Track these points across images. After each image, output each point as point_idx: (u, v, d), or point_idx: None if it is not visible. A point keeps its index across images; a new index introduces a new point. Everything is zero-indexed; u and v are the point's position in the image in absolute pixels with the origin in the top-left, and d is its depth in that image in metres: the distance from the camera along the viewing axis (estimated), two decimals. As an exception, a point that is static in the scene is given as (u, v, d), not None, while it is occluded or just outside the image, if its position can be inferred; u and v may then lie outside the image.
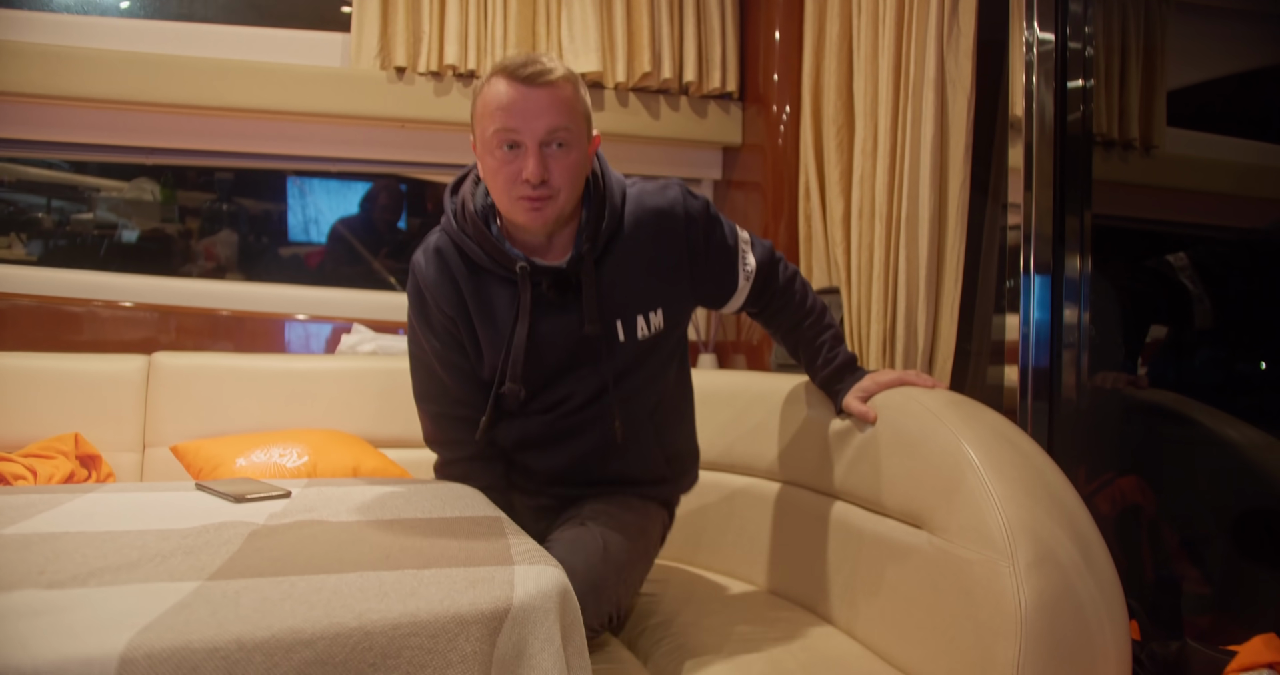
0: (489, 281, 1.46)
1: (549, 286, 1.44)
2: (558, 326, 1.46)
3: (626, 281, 1.46)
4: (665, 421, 1.61)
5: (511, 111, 1.33)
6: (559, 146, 1.35)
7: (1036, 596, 1.20)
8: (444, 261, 1.48)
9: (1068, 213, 1.85)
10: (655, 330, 1.49)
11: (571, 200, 1.41)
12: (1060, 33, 1.84)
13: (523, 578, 0.94)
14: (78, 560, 0.95)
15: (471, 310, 1.47)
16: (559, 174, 1.36)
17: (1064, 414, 1.82)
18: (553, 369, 1.49)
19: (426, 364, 1.55)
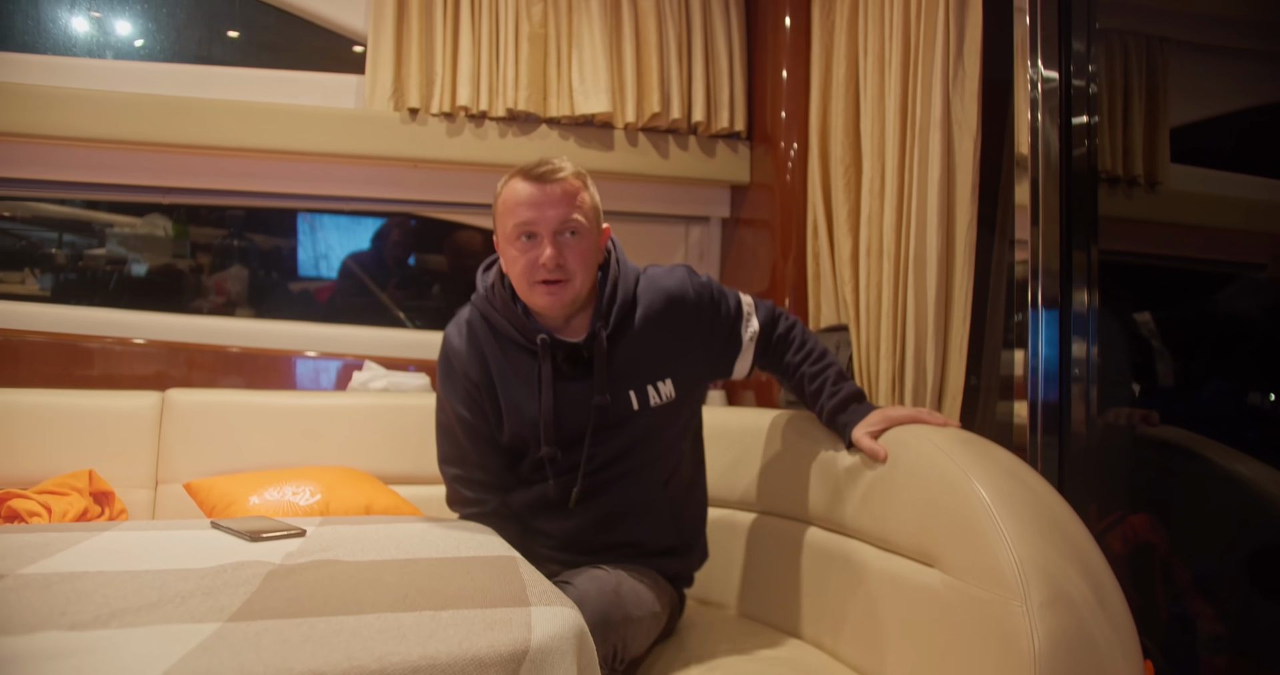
0: (513, 352, 1.59)
1: (564, 359, 1.57)
2: (575, 395, 1.57)
3: (637, 354, 1.58)
4: (678, 493, 1.69)
5: (528, 206, 1.51)
6: (571, 234, 1.52)
7: (1050, 636, 1.20)
8: (473, 332, 1.62)
9: (1075, 247, 1.86)
10: (667, 398, 1.60)
11: (586, 284, 1.56)
12: (1064, 71, 1.87)
13: (540, 619, 0.95)
14: (98, 601, 0.96)
15: (495, 378, 1.59)
16: (573, 260, 1.52)
17: (1074, 449, 1.82)
18: (573, 435, 1.58)
19: (449, 429, 1.66)
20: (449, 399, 1.65)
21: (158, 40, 2.53)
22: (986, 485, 1.36)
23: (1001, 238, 2.10)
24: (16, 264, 2.65)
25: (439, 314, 2.92)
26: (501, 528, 1.60)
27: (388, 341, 2.58)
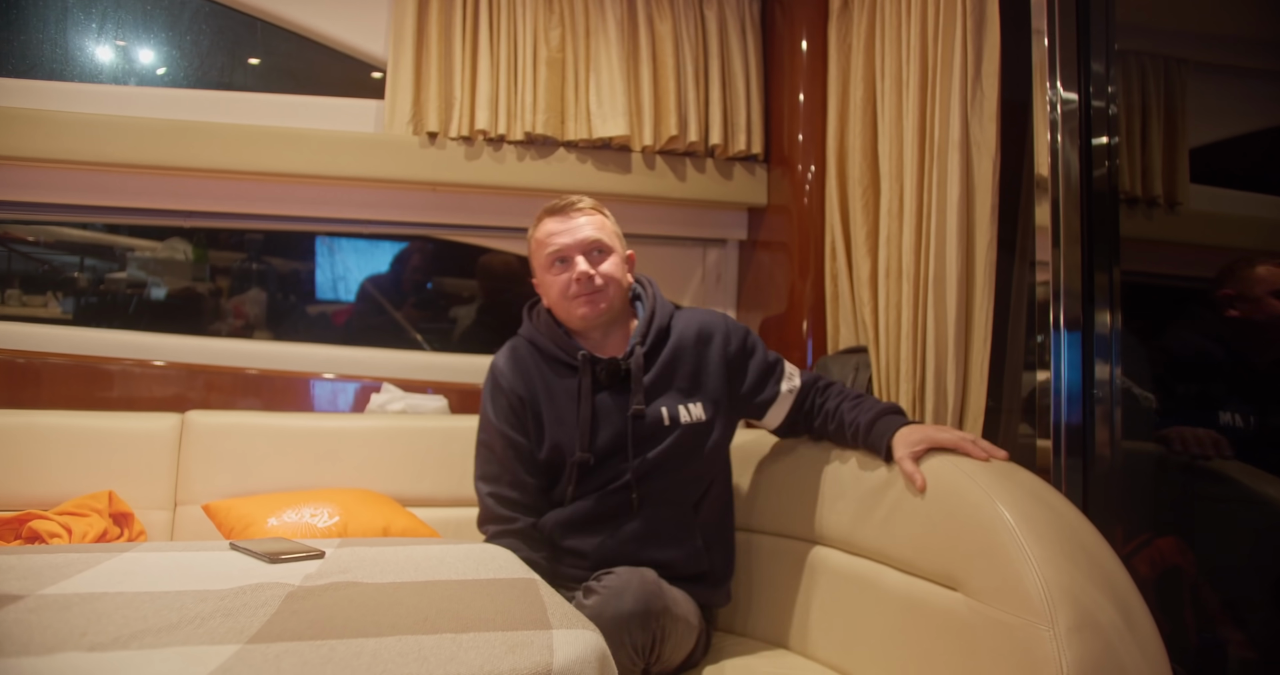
0: (556, 369, 1.74)
1: (602, 370, 1.69)
2: (612, 406, 1.70)
3: (670, 374, 1.72)
4: (709, 519, 1.75)
5: (556, 235, 1.72)
6: (598, 253, 1.72)
7: (1078, 662, 1.17)
8: (519, 356, 1.78)
9: (1096, 269, 1.85)
10: (697, 419, 1.71)
11: (618, 296, 1.74)
12: (1083, 92, 1.87)
13: (561, 642, 0.94)
14: (118, 622, 0.95)
15: (540, 393, 1.73)
16: (603, 275, 1.71)
17: (1098, 471, 1.80)
18: (608, 446, 1.69)
19: (490, 446, 1.76)
20: (493, 416, 1.75)
21: (180, 67, 2.57)
22: (1010, 507, 1.35)
23: (1021, 259, 2.09)
24: (39, 288, 2.68)
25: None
26: (530, 547, 1.67)
27: (406, 364, 2.59)
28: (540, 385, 1.73)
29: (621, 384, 1.71)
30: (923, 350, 1.97)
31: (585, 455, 1.67)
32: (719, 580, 1.77)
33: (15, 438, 2.07)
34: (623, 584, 1.43)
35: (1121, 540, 1.76)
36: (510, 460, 1.72)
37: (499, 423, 1.73)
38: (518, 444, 1.72)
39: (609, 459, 1.69)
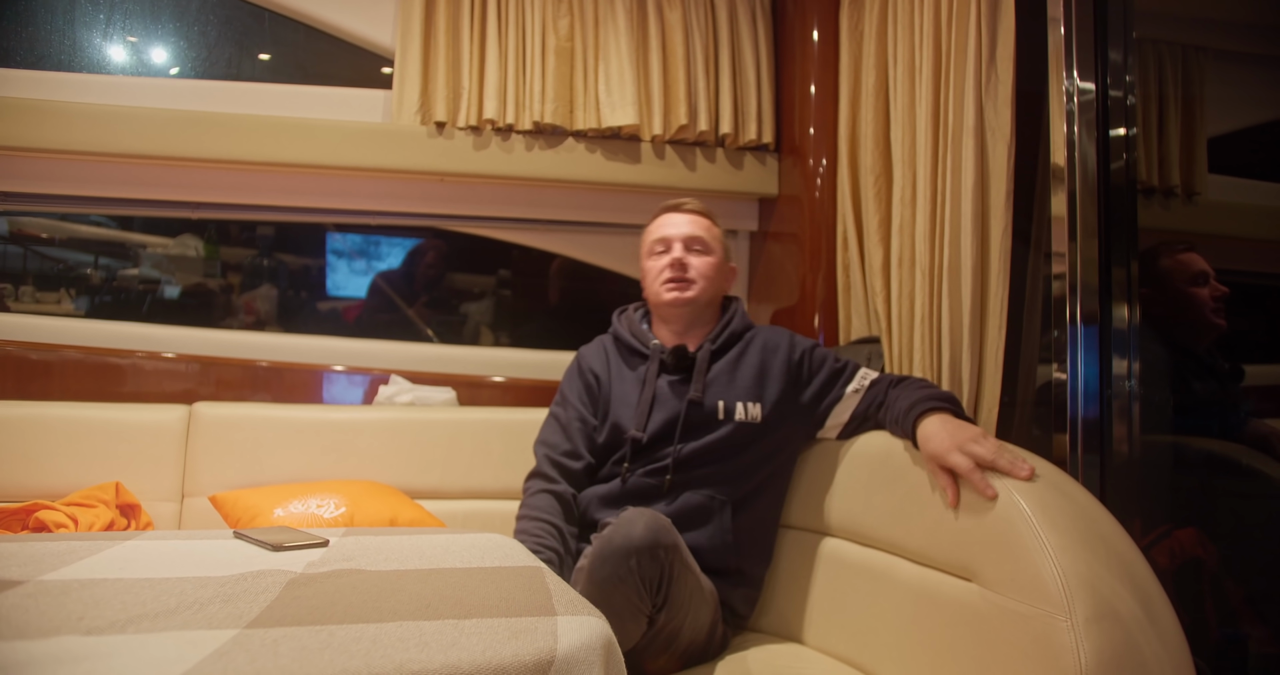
0: (630, 357, 1.89)
1: (669, 356, 1.82)
2: (671, 394, 1.80)
3: (734, 374, 1.81)
4: (746, 524, 1.76)
5: (664, 226, 1.90)
6: (697, 248, 1.86)
7: (1097, 654, 1.15)
8: (604, 345, 1.95)
9: (1114, 263, 1.81)
10: (751, 419, 1.76)
11: (706, 293, 1.86)
12: (1101, 82, 1.83)
13: (566, 629, 0.92)
14: (116, 607, 0.94)
15: (613, 372, 1.88)
16: (696, 268, 1.84)
17: (1116, 467, 1.76)
18: (662, 429, 1.77)
19: (558, 418, 1.90)
20: (569, 392, 1.91)
21: (188, 57, 2.56)
22: (1027, 496, 1.32)
23: (1036, 250, 2.05)
24: (53, 285, 2.69)
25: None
26: (563, 512, 1.75)
27: (415, 356, 2.57)
28: (614, 370, 1.88)
29: (686, 374, 1.81)
30: (937, 339, 1.94)
31: (639, 434, 1.76)
32: (745, 582, 1.76)
33: (23, 428, 2.07)
34: (635, 515, 1.45)
35: (1140, 532, 1.73)
36: (574, 432, 1.84)
37: (573, 398, 1.89)
38: (584, 419, 1.86)
39: (659, 441, 1.77)
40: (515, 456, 2.24)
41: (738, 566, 1.74)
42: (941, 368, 1.93)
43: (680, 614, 1.51)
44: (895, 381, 1.72)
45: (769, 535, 1.82)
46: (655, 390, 1.80)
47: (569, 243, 2.71)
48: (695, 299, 1.84)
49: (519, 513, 1.78)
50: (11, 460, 2.04)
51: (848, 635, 1.64)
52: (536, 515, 1.74)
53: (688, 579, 1.51)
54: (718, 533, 1.72)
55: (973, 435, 1.43)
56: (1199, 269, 1.94)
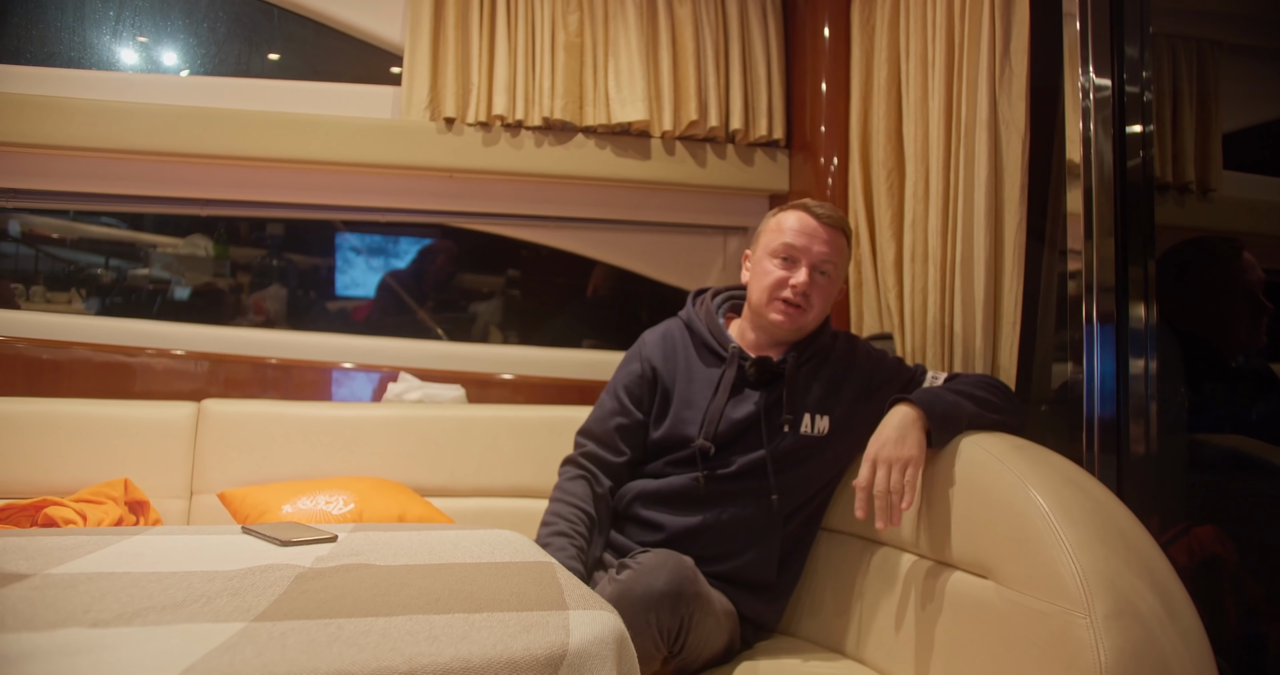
0: (702, 354, 1.76)
1: (751, 367, 1.70)
2: (745, 404, 1.69)
3: (809, 388, 1.71)
4: (793, 535, 1.72)
5: (803, 234, 1.70)
6: (823, 274, 1.70)
7: (1117, 651, 1.13)
8: (670, 334, 1.82)
9: (1130, 263, 1.79)
10: (818, 432, 1.69)
11: (817, 321, 1.73)
12: (1117, 78, 1.81)
13: (578, 623, 0.90)
14: (123, 600, 0.93)
15: (678, 369, 1.76)
16: (816, 294, 1.70)
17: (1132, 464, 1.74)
18: (728, 438, 1.68)
19: (603, 407, 1.80)
20: (619, 379, 1.80)
21: (197, 54, 2.56)
22: (1044, 492, 1.30)
23: (1051, 247, 2.03)
24: (63, 285, 2.69)
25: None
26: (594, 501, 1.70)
27: (424, 353, 2.56)
28: (682, 365, 1.76)
29: (763, 386, 1.71)
30: (950, 335, 1.92)
31: (706, 444, 1.67)
32: (777, 596, 1.72)
33: (32, 425, 2.06)
34: (658, 562, 1.40)
35: (1158, 529, 1.71)
36: (613, 427, 1.76)
37: (620, 387, 1.79)
38: (628, 411, 1.76)
39: (724, 449, 1.68)
40: (525, 454, 2.23)
41: (774, 580, 1.69)
42: (955, 365, 1.91)
43: (695, 652, 1.48)
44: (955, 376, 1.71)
45: (807, 545, 1.77)
46: (728, 401, 1.70)
47: (579, 240, 2.70)
48: (802, 328, 1.72)
49: (553, 495, 1.74)
50: (21, 456, 2.04)
51: (857, 633, 1.62)
52: (570, 499, 1.71)
53: (707, 623, 1.48)
54: (768, 547, 1.67)
55: (900, 456, 1.45)
56: (1255, 279, 1.91)
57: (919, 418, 1.49)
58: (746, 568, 1.66)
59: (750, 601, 1.67)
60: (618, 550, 1.72)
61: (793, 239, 1.70)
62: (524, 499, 2.20)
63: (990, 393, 1.62)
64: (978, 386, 1.62)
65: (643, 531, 1.70)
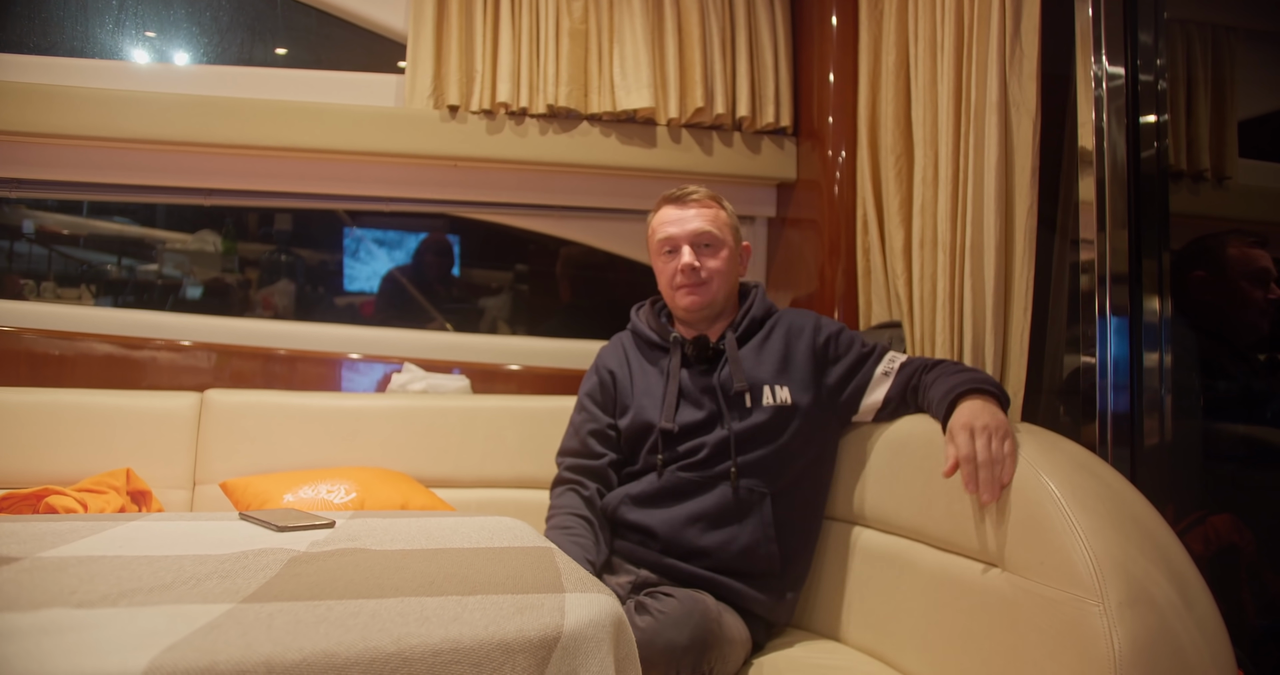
0: (650, 351, 1.83)
1: (690, 347, 1.76)
2: (698, 385, 1.73)
3: (759, 360, 1.73)
4: (787, 516, 1.68)
5: (669, 224, 1.78)
6: (706, 246, 1.76)
7: (1131, 640, 1.10)
8: (618, 342, 1.91)
9: (1144, 255, 1.76)
10: (781, 402, 1.68)
11: (723, 290, 1.78)
12: (1130, 65, 1.77)
13: (574, 605, 0.88)
14: (111, 581, 0.91)
15: (631, 368, 1.83)
16: (709, 267, 1.75)
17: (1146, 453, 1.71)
18: (692, 422, 1.71)
19: (573, 423, 1.87)
20: (582, 393, 1.89)
21: (200, 43, 2.55)
22: (1056, 478, 1.27)
23: (1062, 236, 2.00)
24: (73, 282, 2.70)
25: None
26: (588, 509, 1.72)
27: (429, 344, 2.54)
28: (634, 364, 1.83)
29: (710, 364, 1.74)
30: (960, 321, 1.89)
31: (670, 426, 1.70)
32: (789, 586, 1.69)
33: (35, 415, 2.05)
34: (682, 614, 1.38)
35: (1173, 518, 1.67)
36: (585, 435, 1.80)
37: (585, 400, 1.86)
38: (596, 417, 1.82)
39: (691, 434, 1.70)
40: (530, 444, 2.21)
41: (779, 568, 1.65)
42: (964, 351, 1.87)
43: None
44: (930, 365, 1.64)
45: (812, 532, 1.74)
46: (680, 383, 1.74)
47: (583, 229, 2.67)
48: (713, 301, 1.77)
49: (548, 514, 1.75)
50: (23, 446, 2.03)
51: (868, 624, 1.59)
52: (565, 511, 1.71)
53: (729, 663, 1.46)
54: (758, 528, 1.64)
55: (996, 426, 1.38)
56: (1262, 266, 1.88)
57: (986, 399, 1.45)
58: (746, 555, 1.63)
59: (761, 598, 1.64)
60: (624, 556, 1.71)
61: (663, 232, 1.79)
62: (528, 490, 2.18)
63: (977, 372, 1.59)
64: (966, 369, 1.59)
65: (639, 537, 1.70)
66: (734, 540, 1.64)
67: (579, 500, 1.73)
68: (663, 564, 1.65)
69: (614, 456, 1.79)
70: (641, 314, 1.90)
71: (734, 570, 1.63)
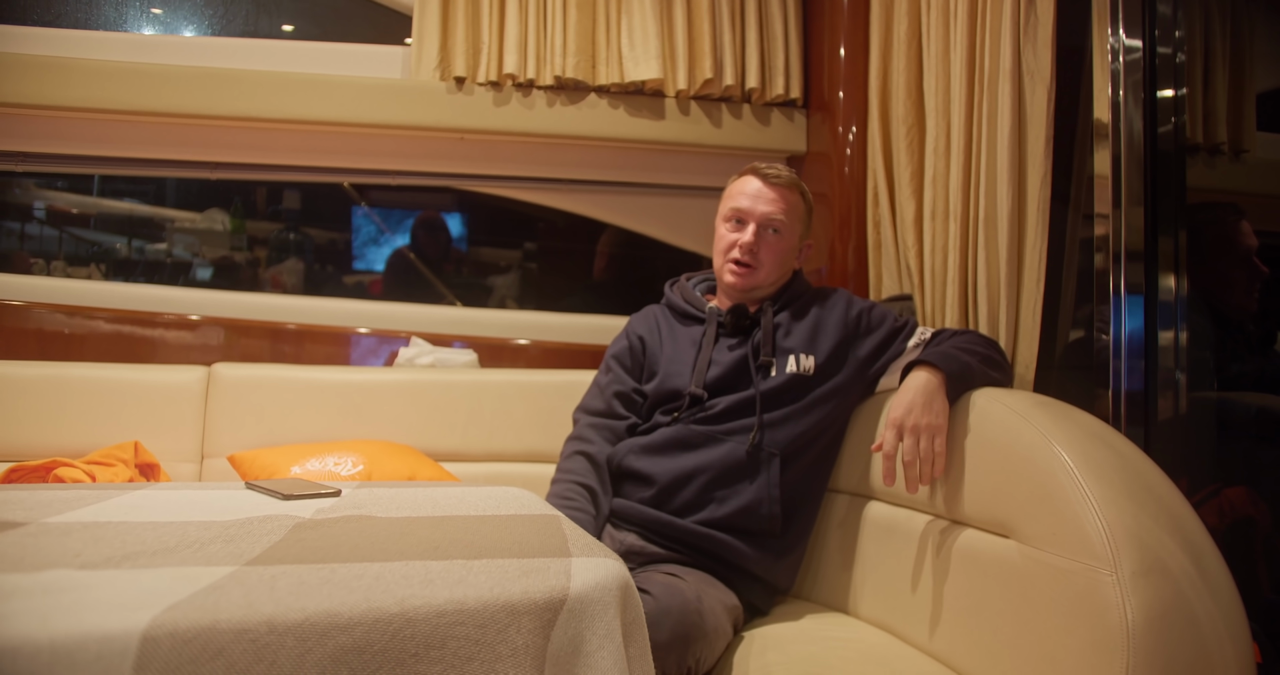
0: (683, 321, 1.85)
1: (728, 316, 1.76)
2: (729, 353, 1.74)
3: (791, 329, 1.75)
4: (792, 479, 1.68)
5: (748, 196, 1.78)
6: (774, 232, 1.76)
7: (1145, 609, 1.08)
8: (652, 311, 1.92)
9: (1160, 233, 1.73)
10: (804, 370, 1.69)
11: (771, 278, 1.79)
12: (1148, 38, 1.73)
13: (580, 569, 0.87)
14: (115, 545, 0.90)
15: (661, 335, 1.84)
16: (766, 252, 1.76)
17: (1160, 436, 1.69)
18: (718, 385, 1.71)
19: (598, 383, 1.87)
20: (609, 355, 1.89)
21: (205, 15, 2.53)
22: (1068, 448, 1.26)
23: (1075, 210, 1.97)
24: (83, 261, 2.70)
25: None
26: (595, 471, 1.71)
27: (437, 318, 2.53)
28: (664, 331, 1.84)
29: (744, 334, 1.76)
30: (972, 293, 1.86)
31: (699, 391, 1.71)
32: (788, 550, 1.68)
33: (44, 388, 2.06)
34: (659, 611, 1.33)
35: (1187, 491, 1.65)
36: (610, 396, 1.80)
37: (610, 359, 1.87)
38: (622, 379, 1.82)
39: (719, 393, 1.71)
40: (538, 419, 2.20)
41: (780, 529, 1.65)
42: (977, 324, 1.86)
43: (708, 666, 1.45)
44: (953, 333, 1.68)
45: (815, 499, 1.74)
46: (713, 353, 1.74)
47: (591, 203, 2.65)
48: (757, 285, 1.79)
49: (554, 477, 1.73)
50: (32, 419, 2.03)
51: (873, 596, 1.59)
52: (570, 478, 1.69)
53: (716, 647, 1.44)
54: (763, 487, 1.63)
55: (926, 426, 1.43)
56: (1245, 245, 1.85)
57: (942, 383, 1.48)
58: (747, 513, 1.62)
59: (759, 557, 1.63)
60: (616, 515, 1.70)
61: (739, 202, 1.78)
62: (536, 464, 2.17)
63: (991, 351, 1.62)
64: (978, 345, 1.62)
65: (636, 487, 1.69)
66: (736, 497, 1.63)
67: (587, 465, 1.72)
68: (654, 520, 1.64)
69: (634, 420, 1.79)
70: (676, 288, 1.91)
71: (731, 527, 1.62)
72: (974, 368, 1.52)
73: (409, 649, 0.74)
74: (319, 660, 0.71)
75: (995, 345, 1.66)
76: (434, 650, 0.75)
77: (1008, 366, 1.66)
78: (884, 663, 1.37)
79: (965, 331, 1.69)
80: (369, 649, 0.73)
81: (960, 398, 1.49)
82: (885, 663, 1.37)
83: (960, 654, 1.35)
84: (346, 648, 0.72)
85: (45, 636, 0.65)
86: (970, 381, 1.51)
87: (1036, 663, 1.19)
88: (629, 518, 1.67)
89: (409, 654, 0.74)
